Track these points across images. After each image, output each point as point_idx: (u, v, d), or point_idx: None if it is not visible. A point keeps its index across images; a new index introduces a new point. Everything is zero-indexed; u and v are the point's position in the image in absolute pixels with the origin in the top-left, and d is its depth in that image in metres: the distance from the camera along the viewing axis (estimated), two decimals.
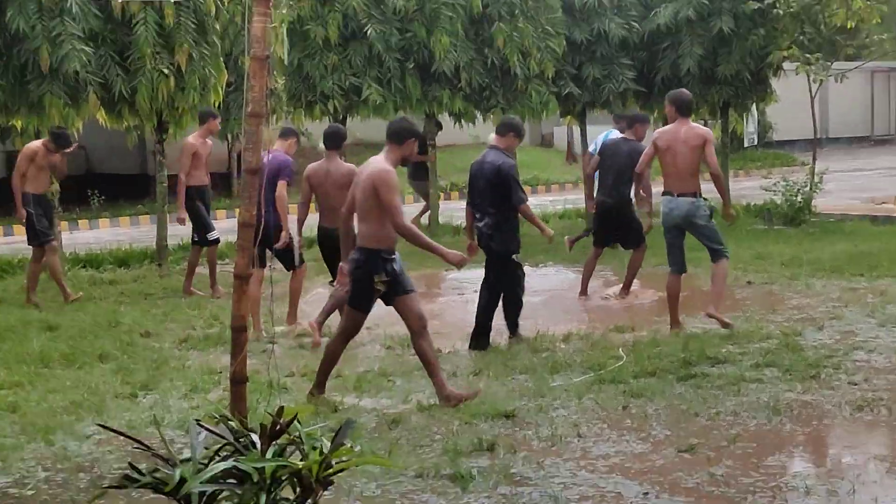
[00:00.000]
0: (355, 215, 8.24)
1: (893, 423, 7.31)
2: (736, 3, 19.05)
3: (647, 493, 6.13)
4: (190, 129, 16.61)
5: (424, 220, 18.62)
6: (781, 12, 18.82)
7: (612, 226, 12.79)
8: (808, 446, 6.96)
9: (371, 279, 7.96)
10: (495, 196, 10.27)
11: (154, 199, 16.92)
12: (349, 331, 8.40)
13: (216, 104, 16.34)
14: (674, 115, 10.24)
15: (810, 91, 19.90)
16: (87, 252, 16.77)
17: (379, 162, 8.04)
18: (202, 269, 14.06)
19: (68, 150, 13.64)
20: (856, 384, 8.25)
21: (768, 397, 7.95)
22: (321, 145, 11.87)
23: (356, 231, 8.25)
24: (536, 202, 24.38)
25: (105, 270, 15.82)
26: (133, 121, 15.70)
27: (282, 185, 10.98)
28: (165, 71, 14.99)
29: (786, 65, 19.72)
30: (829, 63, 19.60)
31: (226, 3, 19.12)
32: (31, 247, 13.51)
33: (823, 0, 18.84)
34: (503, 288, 10.33)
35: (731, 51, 19.16)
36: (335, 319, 9.87)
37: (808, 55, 18.88)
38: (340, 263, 8.46)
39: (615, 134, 14.34)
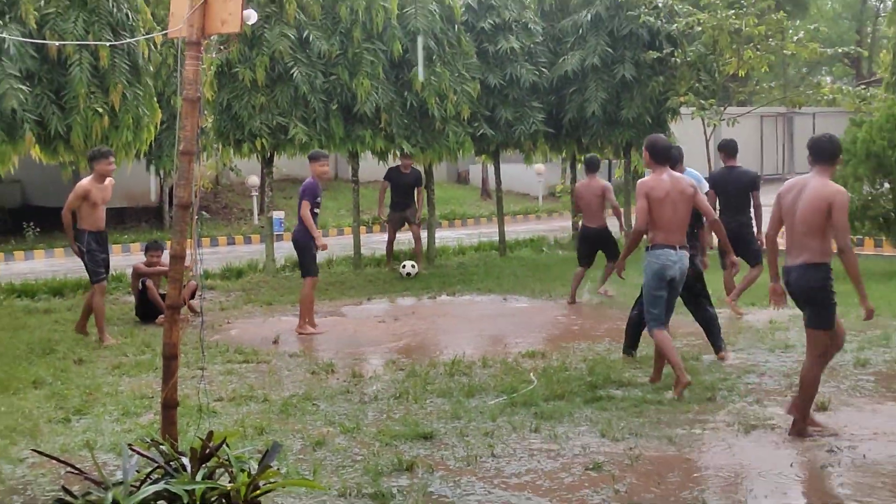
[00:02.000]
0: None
1: (782, 442, 7.41)
2: (637, 52, 19.40)
3: None
4: (123, 165, 16.48)
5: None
6: (679, 61, 19.20)
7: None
8: (704, 464, 7.03)
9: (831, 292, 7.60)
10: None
11: None
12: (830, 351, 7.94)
13: (149, 142, 16.25)
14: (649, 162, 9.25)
15: (705, 133, 20.26)
16: (22, 282, 16.46)
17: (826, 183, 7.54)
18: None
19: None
20: (749, 405, 8.37)
21: (668, 418, 8.03)
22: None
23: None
24: (453, 235, 24.57)
25: (40, 300, 15.61)
26: (68, 157, 15.51)
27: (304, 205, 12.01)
28: (100, 110, 14.91)
29: (683, 109, 20.05)
30: (723, 108, 19.98)
31: (158, 46, 19.07)
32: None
33: (717, 50, 19.25)
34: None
35: (633, 96, 19.50)
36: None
37: (703, 101, 19.26)
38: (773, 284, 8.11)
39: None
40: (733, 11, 19.06)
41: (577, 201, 14.52)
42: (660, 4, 19.41)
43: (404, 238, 18.88)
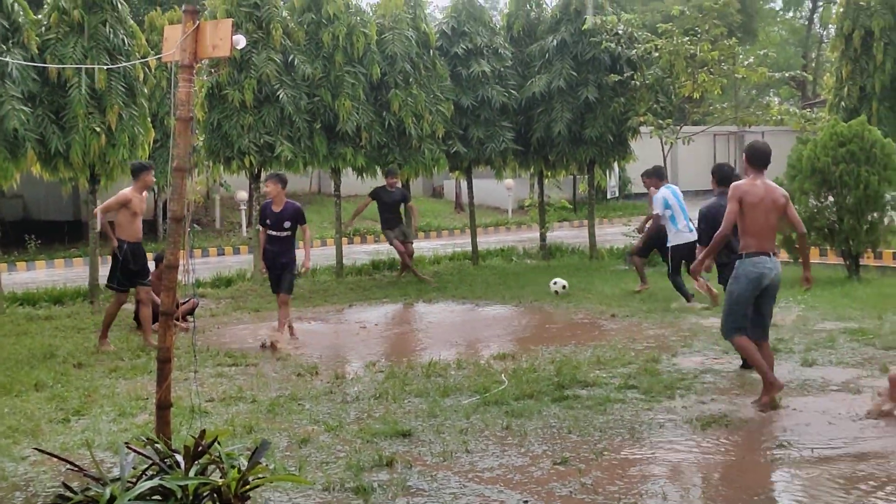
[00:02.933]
0: None
1: (736, 436, 7.43)
2: (600, 76, 19.48)
3: (526, 501, 6.13)
4: (120, 181, 16.43)
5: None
6: (638, 84, 19.29)
7: None
8: (664, 457, 7.03)
9: None
10: None
11: (87, 244, 16.61)
12: None
13: (144, 159, 16.17)
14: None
15: (663, 151, 20.33)
16: (24, 291, 16.36)
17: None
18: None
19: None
20: (705, 403, 8.38)
21: (630, 415, 8.04)
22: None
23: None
24: (429, 246, 24.56)
25: (41, 307, 15.51)
26: (68, 173, 15.45)
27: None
28: (97, 129, 14.92)
29: (642, 128, 20.15)
30: (679, 127, 20.08)
31: (153, 70, 19.02)
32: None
33: (674, 74, 19.35)
34: None
35: (596, 116, 19.58)
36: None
37: (660, 120, 19.35)
38: None
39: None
40: (689, 38, 19.18)
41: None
42: (620, 31, 19.52)
43: (384, 248, 18.85)
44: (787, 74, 22.99)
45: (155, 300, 12.26)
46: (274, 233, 11.86)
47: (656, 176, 14.56)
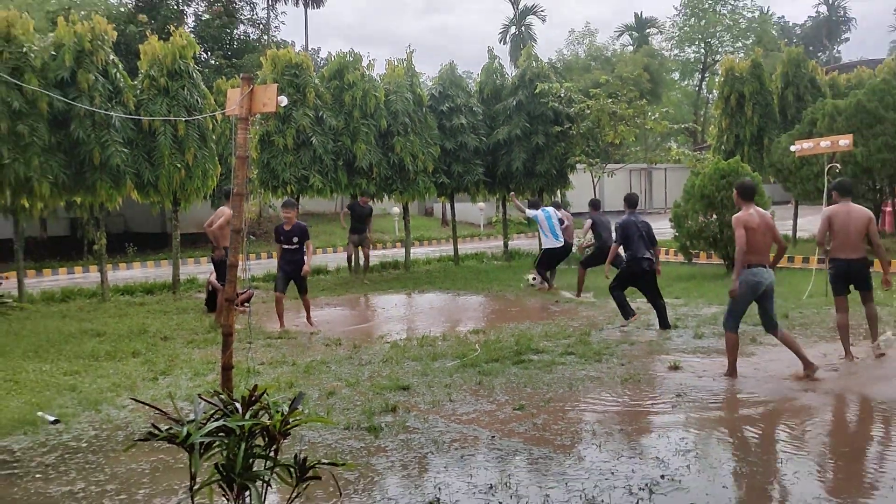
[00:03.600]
0: None
1: (645, 389, 7.45)
2: (547, 126, 19.48)
3: (493, 437, 6.13)
4: (195, 205, 16.36)
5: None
6: (575, 132, 19.32)
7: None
8: (594, 404, 7.03)
9: None
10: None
11: (171, 249, 16.50)
12: None
13: (212, 188, 16.15)
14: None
15: (592, 182, 20.37)
16: (124, 284, 16.25)
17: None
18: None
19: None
20: (623, 365, 8.41)
21: (569, 374, 8.05)
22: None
23: None
24: (422, 251, 24.48)
25: (137, 296, 15.39)
26: (156, 197, 15.36)
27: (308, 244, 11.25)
28: (178, 165, 14.87)
29: (578, 165, 20.16)
30: (604, 165, 20.12)
31: (219, 122, 18.94)
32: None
33: (600, 125, 19.38)
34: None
35: (544, 156, 19.57)
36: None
37: (591, 160, 19.38)
38: None
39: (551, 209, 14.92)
40: (611, 99, 19.24)
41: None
42: (562, 94, 19.53)
43: (391, 253, 18.76)
44: (682, 126, 23.13)
45: (216, 286, 12.16)
46: (286, 246, 11.41)
47: (591, 206, 14.52)
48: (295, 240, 11.41)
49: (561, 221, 14.89)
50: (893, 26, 68.09)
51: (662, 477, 5.19)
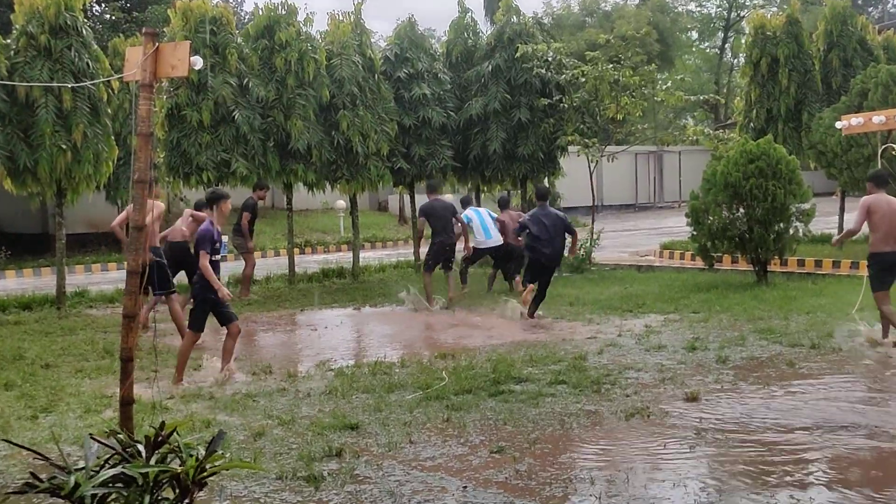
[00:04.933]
0: None
1: (656, 426, 7.51)
2: (531, 98, 19.62)
3: (465, 487, 6.15)
4: (85, 195, 16.21)
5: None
6: (566, 106, 19.46)
7: None
8: (591, 445, 7.08)
9: None
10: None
11: (54, 254, 16.34)
12: None
13: (108, 175, 16.05)
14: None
15: (589, 168, 20.51)
16: None
17: None
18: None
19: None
20: (628, 396, 8.46)
21: (560, 408, 8.09)
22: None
23: None
24: (374, 255, 24.49)
25: (10, 313, 15.21)
26: (35, 188, 15.24)
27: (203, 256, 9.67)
28: (63, 146, 14.76)
29: (570, 147, 20.29)
30: (603, 147, 20.25)
31: (116, 91, 18.81)
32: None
33: (599, 97, 19.53)
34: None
35: (528, 136, 19.71)
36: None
37: (586, 140, 19.52)
38: None
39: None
40: (612, 65, 19.39)
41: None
42: (550, 58, 19.65)
43: (333, 258, 18.71)
44: (701, 98, 23.37)
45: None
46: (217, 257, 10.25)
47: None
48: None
49: (500, 221, 16.09)
50: None
51: None
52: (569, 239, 13.90)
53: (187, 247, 12.88)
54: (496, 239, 15.94)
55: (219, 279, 9.73)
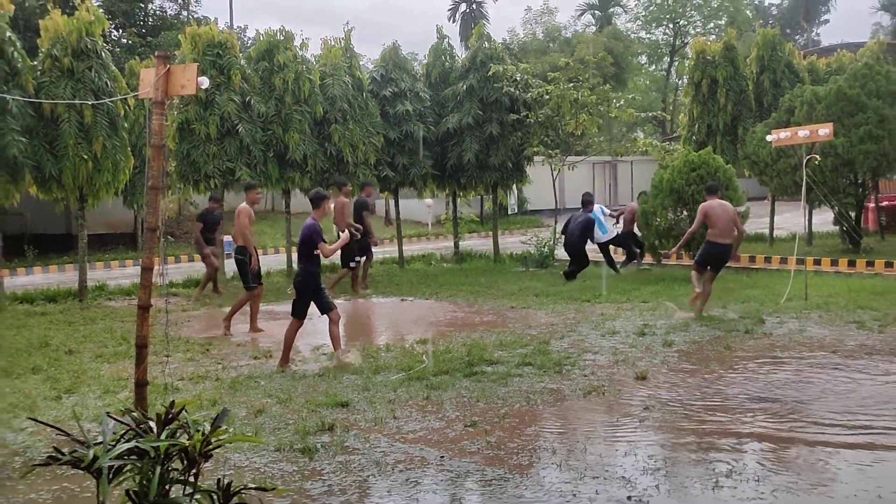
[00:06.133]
0: None
1: (611, 403, 7.53)
2: (501, 114, 19.62)
3: (443, 457, 6.14)
4: (105, 202, 16.11)
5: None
6: (532, 121, 19.45)
7: None
8: (553, 419, 7.10)
9: None
10: None
11: (77, 252, 16.19)
12: None
13: (125, 182, 15.92)
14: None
15: (552, 176, 20.53)
16: (23, 292, 15.88)
17: None
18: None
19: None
20: (586, 376, 8.48)
21: (527, 387, 8.09)
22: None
23: None
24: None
25: (38, 305, 15.07)
26: (60, 194, 15.11)
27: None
28: (85, 157, 14.65)
29: (536, 158, 20.31)
30: (565, 157, 20.27)
31: (132, 107, 18.66)
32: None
33: (560, 113, 19.54)
34: None
35: (499, 147, 19.70)
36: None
37: (550, 151, 19.53)
38: None
39: None
40: (572, 85, 19.41)
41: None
42: (517, 78, 19.66)
43: None
44: (650, 115, 23.49)
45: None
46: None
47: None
48: None
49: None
50: (876, 7, 70.08)
51: (629, 498, 5.26)
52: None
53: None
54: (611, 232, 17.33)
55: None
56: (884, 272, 16.93)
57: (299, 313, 9.50)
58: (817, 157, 14.69)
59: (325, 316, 9.49)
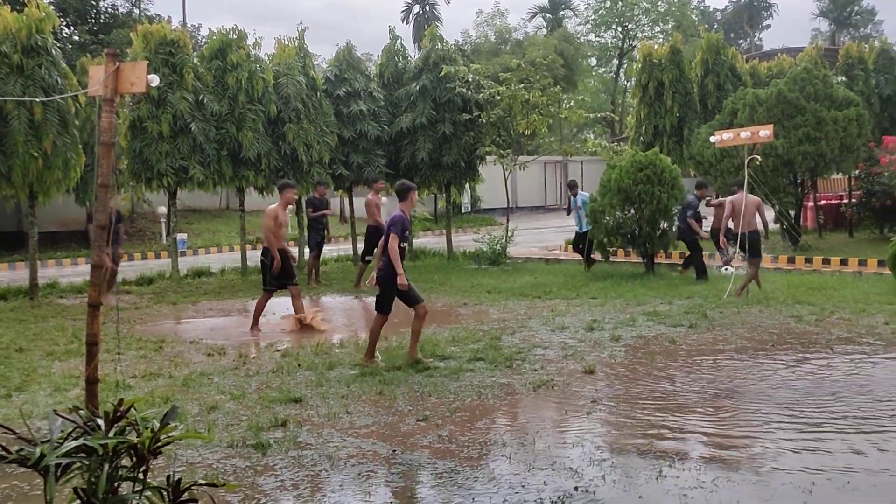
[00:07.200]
0: None
1: (560, 396, 7.58)
2: (454, 114, 19.60)
3: (395, 451, 6.13)
4: (56, 200, 15.76)
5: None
6: (484, 121, 19.47)
7: None
8: (504, 413, 7.12)
9: None
10: None
11: (28, 250, 15.84)
12: None
13: (76, 180, 15.62)
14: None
15: (504, 175, 20.59)
16: None
17: None
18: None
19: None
20: (536, 371, 8.52)
21: (478, 381, 8.11)
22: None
23: None
24: None
25: None
26: (10, 191, 14.78)
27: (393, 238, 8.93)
28: (35, 154, 14.35)
29: (488, 157, 20.33)
30: (516, 156, 20.33)
31: (83, 105, 18.32)
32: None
33: (512, 114, 19.58)
34: None
35: (451, 147, 19.68)
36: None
37: (502, 151, 19.56)
38: None
39: None
40: (523, 85, 19.45)
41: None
42: (470, 79, 19.66)
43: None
44: (599, 116, 23.65)
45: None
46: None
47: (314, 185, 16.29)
48: None
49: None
50: (815, 13, 71.51)
51: (576, 489, 5.30)
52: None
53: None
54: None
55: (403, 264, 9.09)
56: (821, 268, 17.28)
57: (384, 308, 9.14)
58: (758, 157, 14.91)
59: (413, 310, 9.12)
